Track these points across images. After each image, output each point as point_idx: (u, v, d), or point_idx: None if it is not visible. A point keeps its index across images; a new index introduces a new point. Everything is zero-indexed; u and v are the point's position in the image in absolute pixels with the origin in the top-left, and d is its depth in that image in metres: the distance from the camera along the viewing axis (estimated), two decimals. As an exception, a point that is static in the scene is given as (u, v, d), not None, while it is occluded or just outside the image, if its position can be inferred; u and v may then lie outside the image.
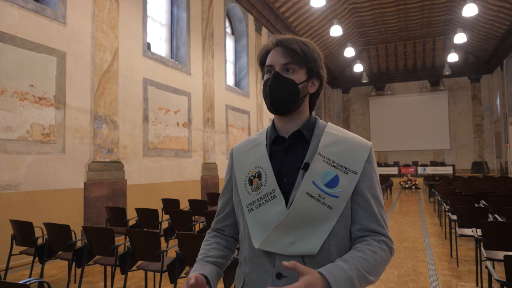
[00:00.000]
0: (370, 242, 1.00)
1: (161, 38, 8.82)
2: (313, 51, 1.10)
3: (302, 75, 1.09)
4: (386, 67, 23.06)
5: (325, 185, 1.01)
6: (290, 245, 1.00)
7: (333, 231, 1.01)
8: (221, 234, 1.23)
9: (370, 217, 1.03)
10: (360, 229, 1.03)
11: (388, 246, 1.02)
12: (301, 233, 1.00)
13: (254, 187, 1.07)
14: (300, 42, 1.09)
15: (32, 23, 5.33)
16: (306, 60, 1.08)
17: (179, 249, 3.05)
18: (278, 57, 1.09)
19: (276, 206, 1.03)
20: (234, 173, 1.17)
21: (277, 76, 1.08)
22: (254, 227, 1.06)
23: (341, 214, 1.01)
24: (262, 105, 13.41)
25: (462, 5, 13.74)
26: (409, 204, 11.13)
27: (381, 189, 1.10)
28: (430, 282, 3.98)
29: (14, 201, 4.95)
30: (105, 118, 6.45)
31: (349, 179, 1.02)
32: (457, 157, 21.49)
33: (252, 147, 1.16)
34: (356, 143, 1.08)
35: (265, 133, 1.17)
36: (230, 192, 1.19)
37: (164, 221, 5.21)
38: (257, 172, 1.09)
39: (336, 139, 1.08)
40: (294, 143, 1.10)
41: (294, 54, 1.07)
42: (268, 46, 1.14)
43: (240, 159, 1.17)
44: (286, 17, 14.41)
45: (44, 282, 2.18)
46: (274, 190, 1.04)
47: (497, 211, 5.01)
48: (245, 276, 1.09)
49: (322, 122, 1.15)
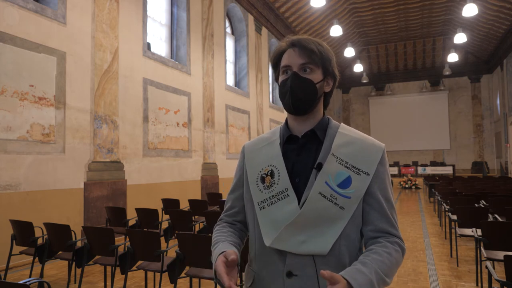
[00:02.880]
0: (385, 243, 1.01)
1: (161, 38, 8.82)
2: (328, 51, 1.12)
3: (319, 75, 1.10)
4: (386, 67, 23.06)
5: (337, 185, 1.02)
6: (301, 244, 1.01)
7: (344, 231, 1.01)
8: (233, 226, 1.21)
9: (382, 218, 1.03)
10: (373, 230, 1.04)
11: (401, 247, 1.03)
12: (313, 232, 1.01)
13: (266, 185, 1.08)
14: (316, 42, 1.10)
15: (32, 23, 5.33)
16: (322, 60, 1.10)
17: (179, 249, 3.05)
18: (296, 57, 1.09)
19: (288, 205, 1.03)
20: (246, 170, 1.17)
21: (296, 76, 1.08)
22: (265, 225, 1.06)
23: (353, 214, 1.02)
24: (262, 105, 13.41)
25: (462, 5, 13.74)
26: (409, 204, 11.13)
27: (392, 191, 1.10)
28: (430, 282, 3.98)
29: (14, 201, 4.94)
30: (105, 118, 6.45)
31: (361, 180, 1.03)
32: (457, 157, 21.49)
33: (265, 145, 1.16)
34: (369, 144, 1.08)
35: (278, 132, 1.17)
36: (241, 188, 1.19)
37: (164, 221, 5.21)
38: (270, 170, 1.09)
39: (349, 140, 1.08)
40: (307, 143, 1.11)
41: (311, 54, 1.08)
42: (282, 47, 1.14)
43: (252, 157, 1.17)
44: (286, 17, 14.41)
45: (44, 282, 2.18)
46: (287, 189, 1.04)
47: (497, 211, 5.01)
48: (255, 274, 1.09)
49: (335, 123, 1.15)
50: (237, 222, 1.22)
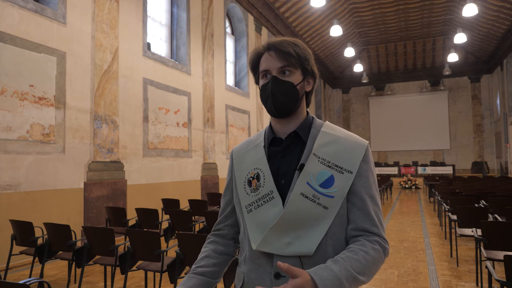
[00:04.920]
0: (363, 242, 1.00)
1: (161, 38, 8.82)
2: (305, 50, 1.10)
3: (298, 76, 1.10)
4: (386, 67, 23.06)
5: (319, 185, 1.01)
6: (286, 245, 1.01)
7: (330, 231, 1.01)
8: (220, 238, 1.23)
9: (364, 217, 1.03)
10: (354, 229, 1.03)
11: (382, 246, 1.01)
12: (297, 233, 1.01)
13: (253, 188, 1.08)
14: (291, 44, 1.09)
15: (32, 23, 5.33)
16: (300, 61, 1.09)
17: (179, 249, 3.05)
18: (273, 61, 1.08)
19: (273, 207, 1.03)
20: (234, 174, 1.18)
21: (276, 80, 1.08)
22: (253, 228, 1.07)
23: (338, 213, 1.01)
24: (262, 105, 13.39)
25: (462, 5, 13.74)
26: (409, 204, 11.13)
27: (378, 189, 1.10)
28: (430, 282, 3.98)
29: (14, 201, 4.94)
30: (105, 118, 6.45)
31: (344, 179, 1.02)
32: (457, 157, 21.49)
33: (250, 148, 1.17)
34: (352, 142, 1.08)
35: (263, 135, 1.18)
36: (231, 193, 1.20)
37: (164, 221, 5.21)
38: (256, 173, 1.10)
39: (331, 139, 1.08)
40: (291, 144, 1.11)
41: (288, 56, 1.07)
42: (259, 50, 1.13)
43: (239, 161, 1.18)
44: (286, 17, 14.41)
45: (44, 282, 2.18)
46: (272, 191, 1.04)
47: (497, 211, 5.01)
48: (244, 275, 1.10)
49: (319, 122, 1.15)
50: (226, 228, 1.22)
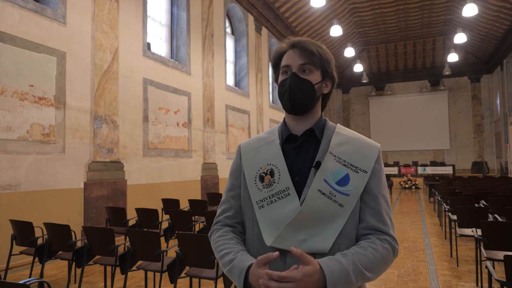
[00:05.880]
0: (373, 240, 1.01)
1: (161, 38, 8.82)
2: (328, 53, 1.15)
3: (318, 76, 1.12)
4: (386, 67, 23.05)
5: (336, 183, 1.03)
6: (302, 242, 1.01)
7: (344, 229, 1.02)
8: (234, 230, 1.18)
9: (376, 216, 1.04)
10: (366, 227, 1.04)
11: (391, 245, 1.03)
12: (313, 230, 1.02)
13: (265, 184, 1.08)
14: (316, 44, 1.13)
15: (32, 23, 5.33)
16: (321, 61, 1.12)
17: (179, 249, 3.05)
18: (295, 58, 1.11)
19: (289, 203, 1.04)
20: (243, 169, 1.17)
21: (295, 76, 1.10)
22: (265, 224, 1.06)
23: (352, 212, 1.03)
24: (262, 105, 13.41)
25: (462, 5, 13.74)
26: (409, 204, 11.13)
27: (387, 190, 1.12)
28: (430, 282, 3.98)
29: (14, 201, 4.94)
30: (105, 118, 6.45)
31: (359, 177, 1.05)
32: (457, 157, 21.48)
33: (262, 144, 1.17)
34: (366, 143, 1.11)
35: (276, 131, 1.19)
36: (239, 188, 1.18)
37: (164, 221, 5.21)
38: (269, 169, 1.10)
39: (346, 139, 1.11)
40: (306, 142, 1.12)
41: (311, 55, 1.10)
42: (283, 48, 1.16)
43: (249, 156, 1.17)
44: (286, 17, 14.41)
45: (44, 282, 2.18)
46: (288, 188, 1.05)
47: (497, 211, 5.01)
48: None
49: (331, 124, 1.18)
50: (237, 224, 1.19)
